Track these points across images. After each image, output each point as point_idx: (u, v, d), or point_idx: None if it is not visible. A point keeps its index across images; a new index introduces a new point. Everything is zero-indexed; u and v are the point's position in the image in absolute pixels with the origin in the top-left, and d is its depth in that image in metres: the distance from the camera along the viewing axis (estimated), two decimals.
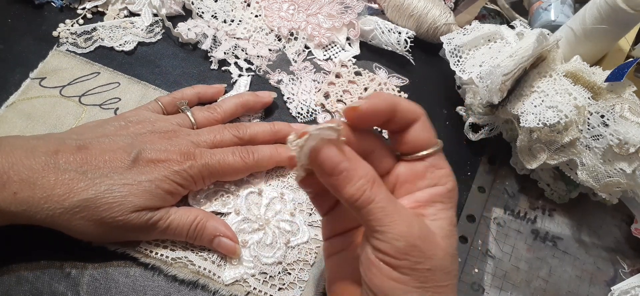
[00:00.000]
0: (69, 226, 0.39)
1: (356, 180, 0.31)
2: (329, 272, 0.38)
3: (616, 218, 0.51)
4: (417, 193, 0.34)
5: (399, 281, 0.31)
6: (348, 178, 0.31)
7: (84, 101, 0.51)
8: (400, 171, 0.36)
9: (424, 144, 0.34)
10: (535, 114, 0.45)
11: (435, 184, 0.34)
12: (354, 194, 0.31)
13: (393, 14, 0.60)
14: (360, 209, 0.31)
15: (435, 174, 0.34)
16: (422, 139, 0.34)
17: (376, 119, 0.34)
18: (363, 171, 0.31)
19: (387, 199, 0.31)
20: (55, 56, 0.54)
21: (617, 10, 0.47)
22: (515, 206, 0.51)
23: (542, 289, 0.47)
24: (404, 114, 0.34)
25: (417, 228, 0.31)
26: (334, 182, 0.31)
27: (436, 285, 0.31)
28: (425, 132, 0.34)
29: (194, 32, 0.57)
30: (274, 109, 0.54)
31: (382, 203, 0.31)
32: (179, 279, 0.43)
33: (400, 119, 0.34)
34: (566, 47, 0.52)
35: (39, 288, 0.42)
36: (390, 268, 0.31)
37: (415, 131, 0.34)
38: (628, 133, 0.42)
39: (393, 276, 0.31)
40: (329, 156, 0.31)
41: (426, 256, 0.31)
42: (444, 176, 0.34)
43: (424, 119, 0.35)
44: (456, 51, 0.51)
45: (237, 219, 0.46)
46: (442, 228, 0.33)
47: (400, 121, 0.34)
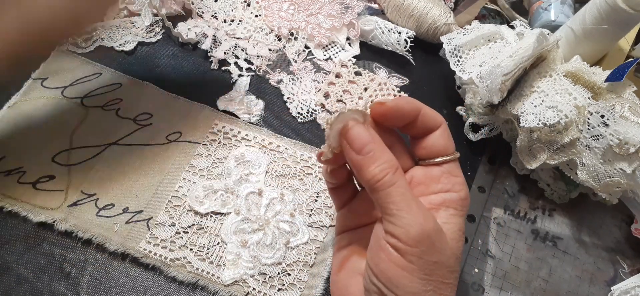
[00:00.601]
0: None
1: (381, 162, 0.32)
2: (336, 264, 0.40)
3: (616, 218, 0.51)
4: (431, 196, 0.35)
5: (405, 269, 0.31)
6: (373, 158, 0.32)
7: (86, 103, 0.51)
8: (416, 173, 0.37)
9: (442, 151, 0.36)
10: (535, 114, 0.45)
11: (449, 191, 0.35)
12: (376, 174, 0.32)
13: (393, 14, 0.60)
14: (380, 190, 0.32)
15: (450, 181, 0.35)
16: (440, 145, 0.36)
17: (400, 119, 0.35)
18: (388, 156, 0.33)
19: (406, 187, 0.32)
20: (57, 56, 0.54)
21: (617, 10, 0.47)
22: (515, 206, 0.51)
23: (542, 289, 0.47)
24: (426, 119, 0.35)
25: (432, 222, 0.32)
26: (360, 161, 0.32)
27: (440, 280, 0.32)
28: (444, 140, 0.36)
29: (194, 32, 0.57)
30: (275, 110, 0.54)
31: (402, 189, 0.32)
32: (178, 279, 0.43)
33: (422, 124, 0.35)
34: (566, 47, 0.52)
35: (39, 288, 0.42)
36: (398, 255, 0.31)
37: (434, 137, 0.36)
38: (628, 133, 0.42)
39: (400, 263, 0.31)
40: (359, 134, 0.33)
41: (436, 250, 0.31)
42: (458, 184, 0.36)
43: (445, 128, 0.36)
44: (456, 51, 0.51)
45: (237, 219, 0.46)
46: (452, 231, 0.34)
47: (422, 125, 0.35)
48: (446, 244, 0.33)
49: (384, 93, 0.56)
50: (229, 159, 0.49)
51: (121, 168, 0.48)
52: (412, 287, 0.31)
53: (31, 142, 0.48)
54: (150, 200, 0.46)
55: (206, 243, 0.45)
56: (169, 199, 0.47)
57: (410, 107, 0.35)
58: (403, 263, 0.31)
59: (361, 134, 0.33)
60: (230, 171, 0.48)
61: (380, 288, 0.32)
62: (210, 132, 0.51)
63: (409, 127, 0.36)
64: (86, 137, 0.49)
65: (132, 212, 0.46)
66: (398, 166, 0.33)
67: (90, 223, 0.45)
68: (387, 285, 0.32)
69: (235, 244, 0.45)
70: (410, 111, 0.35)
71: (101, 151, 0.49)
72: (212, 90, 0.54)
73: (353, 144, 0.33)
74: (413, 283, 0.31)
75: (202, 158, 0.49)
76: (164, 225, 0.45)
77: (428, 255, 0.31)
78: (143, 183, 0.47)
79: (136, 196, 0.47)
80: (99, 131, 0.50)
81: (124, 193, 0.47)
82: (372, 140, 0.33)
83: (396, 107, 0.35)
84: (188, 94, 0.53)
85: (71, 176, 0.47)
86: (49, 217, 0.44)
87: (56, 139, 0.49)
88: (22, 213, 0.45)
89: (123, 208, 0.46)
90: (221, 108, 0.53)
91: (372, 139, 0.33)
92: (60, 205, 0.45)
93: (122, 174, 0.48)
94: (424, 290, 0.31)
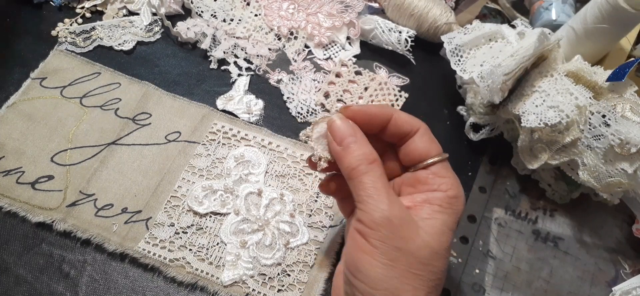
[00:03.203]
0: None
1: (357, 154, 0.34)
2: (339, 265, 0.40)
3: (617, 218, 0.51)
4: (415, 195, 0.36)
5: (367, 253, 0.32)
6: (351, 150, 0.34)
7: (85, 103, 0.51)
8: (405, 177, 0.38)
9: (423, 154, 0.36)
10: (536, 114, 0.44)
11: (435, 190, 0.35)
12: (351, 163, 0.34)
13: (394, 13, 0.60)
14: (354, 179, 0.34)
15: (436, 181, 0.35)
16: (421, 149, 0.36)
17: (368, 123, 0.36)
18: (366, 148, 0.34)
19: (380, 179, 0.33)
20: (56, 56, 0.54)
21: (619, 9, 0.47)
22: (516, 207, 0.51)
23: (543, 290, 0.47)
24: (400, 124, 0.36)
25: (398, 209, 0.33)
26: (340, 152, 0.35)
27: (406, 269, 0.32)
28: (425, 143, 0.36)
29: (193, 31, 0.56)
30: (274, 110, 0.54)
31: (373, 178, 0.33)
32: (177, 280, 0.43)
33: (396, 128, 0.36)
34: (567, 46, 0.52)
35: (38, 289, 0.42)
36: (363, 239, 0.33)
37: (414, 142, 0.36)
38: (629, 133, 0.42)
39: (364, 246, 0.33)
40: (340, 126, 0.35)
41: (399, 236, 0.32)
42: (445, 183, 0.36)
43: (423, 131, 0.36)
44: (457, 51, 0.51)
45: (236, 220, 0.46)
46: (433, 226, 0.34)
47: (397, 131, 0.36)
48: (416, 235, 0.33)
49: (384, 93, 0.56)
50: (228, 159, 0.49)
51: (120, 168, 0.48)
52: (374, 272, 0.32)
53: (30, 142, 0.48)
54: (149, 200, 0.46)
55: (205, 243, 0.45)
56: (168, 199, 0.46)
57: (378, 111, 0.36)
58: (366, 247, 0.32)
59: (342, 127, 0.35)
60: (229, 171, 0.48)
61: (348, 277, 0.34)
62: (210, 132, 0.51)
63: (384, 133, 0.37)
64: (85, 137, 0.49)
65: (131, 212, 0.46)
66: (375, 159, 0.34)
67: (89, 223, 0.45)
68: (353, 272, 0.33)
69: (234, 245, 0.45)
70: (377, 114, 0.36)
71: (100, 151, 0.48)
72: (211, 89, 0.54)
73: (335, 135, 0.35)
74: (375, 267, 0.32)
75: (201, 158, 0.49)
76: (163, 225, 0.45)
77: (391, 240, 0.32)
78: (142, 183, 0.47)
79: (135, 196, 0.46)
80: (97, 130, 0.50)
81: (122, 193, 0.46)
82: (352, 133, 0.35)
83: (362, 110, 0.36)
84: (187, 94, 0.53)
85: (70, 176, 0.47)
86: (47, 217, 0.44)
87: (55, 139, 0.49)
88: (20, 213, 0.44)
89: (122, 208, 0.46)
90: (220, 108, 0.52)
91: (353, 132, 0.35)
92: (59, 205, 0.45)
93: (120, 174, 0.47)
94: (388, 275, 0.32)
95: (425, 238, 0.33)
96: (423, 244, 0.33)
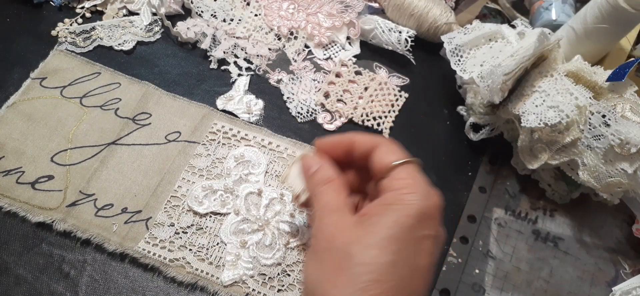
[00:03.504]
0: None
1: (317, 177, 0.38)
2: None
3: (617, 218, 0.51)
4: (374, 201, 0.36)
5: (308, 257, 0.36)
6: (312, 176, 0.39)
7: (85, 103, 0.51)
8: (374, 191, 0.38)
9: (383, 165, 0.37)
10: (536, 114, 0.44)
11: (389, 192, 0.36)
12: (310, 185, 0.39)
13: (394, 13, 0.60)
14: (313, 197, 0.38)
15: (393, 184, 0.36)
16: (379, 161, 0.37)
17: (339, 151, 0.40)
18: (325, 173, 0.38)
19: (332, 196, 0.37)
20: (56, 56, 0.54)
21: (619, 9, 0.47)
22: (516, 207, 0.51)
23: (543, 290, 0.47)
24: (361, 144, 0.39)
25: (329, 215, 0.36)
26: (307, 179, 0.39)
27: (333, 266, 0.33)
28: (384, 155, 0.37)
29: (193, 31, 0.56)
30: (274, 110, 0.54)
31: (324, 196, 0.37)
32: (177, 280, 0.43)
33: (359, 150, 0.39)
34: (567, 46, 0.52)
35: (38, 289, 0.42)
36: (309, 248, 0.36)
37: (375, 157, 0.37)
38: (629, 133, 0.42)
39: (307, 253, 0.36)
40: (308, 159, 0.40)
41: (324, 237, 0.35)
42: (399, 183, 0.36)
43: (383, 145, 0.38)
44: (457, 51, 0.51)
45: (236, 220, 0.46)
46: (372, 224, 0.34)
47: (360, 151, 0.39)
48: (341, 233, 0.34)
49: (384, 93, 0.56)
50: (228, 159, 0.49)
51: (120, 168, 0.48)
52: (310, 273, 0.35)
53: (30, 142, 0.48)
54: (149, 200, 0.46)
55: (205, 243, 0.45)
56: (168, 199, 0.46)
57: (339, 138, 0.40)
58: (308, 252, 0.36)
59: (309, 158, 0.40)
60: (229, 171, 0.48)
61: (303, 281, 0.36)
62: (210, 132, 0.51)
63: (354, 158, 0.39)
64: (85, 137, 0.49)
65: (131, 212, 0.46)
66: (332, 180, 0.37)
67: (89, 223, 0.44)
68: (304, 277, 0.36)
69: (234, 245, 0.45)
70: (340, 140, 0.40)
71: (100, 151, 0.48)
72: (211, 89, 0.54)
73: (304, 167, 0.40)
74: (310, 269, 0.35)
75: (201, 158, 0.49)
76: (163, 225, 0.45)
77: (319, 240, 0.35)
78: (142, 183, 0.47)
79: (135, 196, 0.46)
80: (97, 130, 0.50)
81: (122, 193, 0.46)
82: (317, 162, 0.39)
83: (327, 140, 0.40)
84: (187, 94, 0.53)
85: (70, 176, 0.47)
86: (47, 217, 0.44)
87: (55, 139, 0.49)
88: (20, 213, 0.44)
89: (122, 208, 0.46)
90: (220, 108, 0.52)
91: (317, 161, 0.39)
92: (59, 205, 0.45)
93: (120, 174, 0.47)
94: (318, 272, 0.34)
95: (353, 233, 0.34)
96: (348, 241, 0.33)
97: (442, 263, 0.47)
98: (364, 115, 0.54)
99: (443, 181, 0.51)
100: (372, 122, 0.54)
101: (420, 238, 0.34)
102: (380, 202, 0.35)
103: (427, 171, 0.51)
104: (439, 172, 0.52)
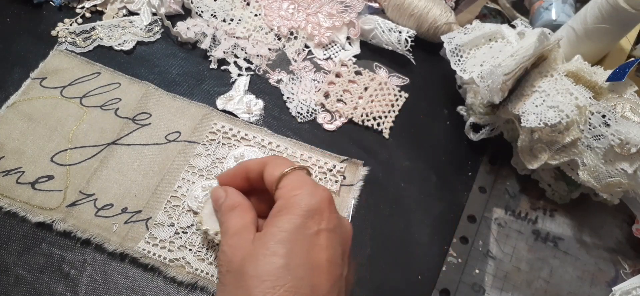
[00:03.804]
0: None
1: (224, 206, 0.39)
2: None
3: (617, 218, 0.51)
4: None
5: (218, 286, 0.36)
6: (220, 206, 0.40)
7: (85, 103, 0.51)
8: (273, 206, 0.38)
9: (274, 179, 0.37)
10: (536, 114, 0.44)
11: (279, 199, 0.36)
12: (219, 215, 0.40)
13: (393, 13, 0.60)
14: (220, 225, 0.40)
15: (281, 193, 0.36)
16: (272, 176, 0.37)
17: (238, 181, 0.41)
18: (230, 200, 0.39)
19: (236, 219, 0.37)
20: (56, 56, 0.54)
21: (619, 9, 0.47)
22: (516, 207, 0.51)
23: (543, 290, 0.47)
24: (253, 168, 0.40)
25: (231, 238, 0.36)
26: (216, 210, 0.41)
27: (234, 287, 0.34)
28: (275, 169, 0.38)
29: (193, 31, 0.56)
30: (274, 110, 0.54)
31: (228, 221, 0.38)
32: (177, 280, 0.43)
33: (253, 172, 0.40)
34: (567, 46, 0.52)
35: (38, 289, 0.42)
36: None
37: (265, 174, 0.38)
38: (629, 133, 0.42)
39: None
40: (215, 192, 0.41)
41: (223, 261, 0.35)
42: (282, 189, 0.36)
43: (271, 162, 0.38)
44: (457, 51, 0.51)
45: None
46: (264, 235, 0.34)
47: (254, 173, 0.40)
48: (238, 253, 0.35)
49: (384, 93, 0.56)
50: (228, 159, 0.49)
51: (120, 168, 0.48)
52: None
53: (30, 142, 0.48)
54: (149, 200, 0.46)
55: (205, 243, 0.44)
56: (168, 199, 0.46)
57: (236, 168, 0.42)
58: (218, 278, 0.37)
59: (218, 191, 0.41)
60: None
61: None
62: (210, 132, 0.51)
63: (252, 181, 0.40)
64: (85, 137, 0.49)
65: (131, 212, 0.46)
66: (237, 206, 0.39)
67: (89, 223, 0.44)
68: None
69: None
70: (237, 170, 0.41)
71: (100, 151, 0.48)
72: (211, 89, 0.54)
73: (213, 200, 0.41)
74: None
75: (201, 158, 0.49)
76: (163, 225, 0.45)
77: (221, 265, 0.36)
78: (142, 183, 0.47)
79: (135, 196, 0.46)
80: (97, 130, 0.50)
81: (122, 193, 0.46)
82: (223, 193, 0.40)
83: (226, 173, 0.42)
84: (187, 94, 0.53)
85: (70, 176, 0.47)
86: (47, 217, 0.44)
87: (55, 139, 0.49)
88: (20, 213, 0.44)
89: (122, 208, 0.46)
90: (220, 108, 0.52)
91: (223, 192, 0.40)
92: (59, 205, 0.45)
93: (120, 174, 0.47)
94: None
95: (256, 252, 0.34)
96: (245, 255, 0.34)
97: (442, 263, 0.47)
98: (364, 115, 0.54)
99: (443, 181, 0.51)
100: (372, 122, 0.54)
101: (312, 234, 0.34)
102: (271, 213, 0.36)
103: (427, 171, 0.52)
104: (439, 172, 0.52)
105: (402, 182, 0.51)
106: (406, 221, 0.48)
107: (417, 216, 0.49)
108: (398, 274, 0.46)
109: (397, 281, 0.45)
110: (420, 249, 0.47)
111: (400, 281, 0.45)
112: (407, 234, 0.48)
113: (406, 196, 0.50)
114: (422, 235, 0.48)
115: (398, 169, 0.52)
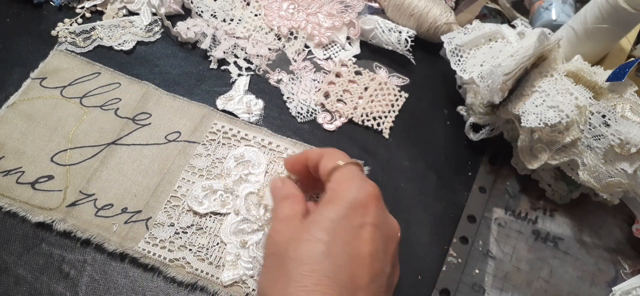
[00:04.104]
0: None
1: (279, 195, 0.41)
2: None
3: (617, 218, 0.51)
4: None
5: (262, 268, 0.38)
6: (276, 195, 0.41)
7: (85, 103, 0.51)
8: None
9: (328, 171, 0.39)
10: (536, 114, 0.44)
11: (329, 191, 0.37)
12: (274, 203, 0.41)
13: (393, 13, 0.60)
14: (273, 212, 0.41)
15: (332, 185, 0.38)
16: (326, 168, 0.39)
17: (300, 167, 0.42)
18: (285, 190, 0.41)
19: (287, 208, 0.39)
20: (56, 56, 0.54)
21: (619, 9, 0.47)
22: (516, 207, 0.51)
23: (543, 290, 0.47)
24: (311, 157, 0.41)
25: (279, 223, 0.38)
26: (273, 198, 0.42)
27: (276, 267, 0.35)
28: (329, 161, 0.39)
29: (193, 31, 0.56)
30: (274, 110, 0.54)
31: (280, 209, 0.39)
32: (177, 280, 0.43)
33: (312, 162, 0.41)
34: (567, 46, 0.52)
35: (38, 289, 0.42)
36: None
37: (320, 165, 0.40)
38: (629, 133, 0.42)
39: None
40: (273, 185, 0.42)
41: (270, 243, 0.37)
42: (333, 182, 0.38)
43: (327, 154, 0.40)
44: (457, 51, 0.51)
45: (236, 220, 0.46)
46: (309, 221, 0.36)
47: (312, 163, 0.41)
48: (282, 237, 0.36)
49: (384, 93, 0.56)
50: (228, 159, 0.49)
51: (120, 168, 0.48)
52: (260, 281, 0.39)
53: (30, 142, 0.48)
54: (149, 200, 0.46)
55: (205, 243, 0.45)
56: (168, 199, 0.46)
57: (298, 155, 0.43)
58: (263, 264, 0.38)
59: (276, 181, 0.42)
60: (229, 171, 0.48)
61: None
62: (210, 132, 0.51)
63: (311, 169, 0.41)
64: (85, 137, 0.49)
65: (131, 212, 0.46)
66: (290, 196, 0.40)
67: (89, 223, 0.44)
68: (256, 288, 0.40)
69: (234, 245, 0.45)
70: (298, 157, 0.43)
71: (100, 151, 0.48)
72: (211, 89, 0.54)
73: (272, 189, 0.42)
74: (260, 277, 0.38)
75: (201, 158, 0.49)
76: (163, 225, 0.45)
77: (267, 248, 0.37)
78: (142, 183, 0.47)
79: (135, 196, 0.46)
80: (97, 130, 0.50)
81: (122, 193, 0.46)
82: (281, 186, 0.41)
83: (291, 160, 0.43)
84: (187, 94, 0.53)
85: (70, 176, 0.47)
86: (47, 217, 0.44)
87: (55, 139, 0.49)
88: (20, 213, 0.44)
89: (122, 208, 0.46)
90: (220, 108, 0.52)
91: (281, 185, 0.41)
92: (59, 205, 0.45)
93: (120, 174, 0.47)
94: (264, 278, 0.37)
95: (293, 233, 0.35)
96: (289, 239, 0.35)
97: (442, 263, 0.47)
98: (364, 115, 0.54)
99: (443, 181, 0.51)
100: (372, 122, 0.54)
101: (355, 226, 0.35)
102: (320, 202, 0.37)
103: (427, 171, 0.52)
104: (439, 172, 0.52)
105: (402, 182, 0.51)
106: (406, 221, 0.48)
107: (417, 216, 0.49)
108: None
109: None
110: (420, 249, 0.47)
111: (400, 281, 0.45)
112: (407, 234, 0.48)
113: (406, 196, 0.50)
114: (422, 235, 0.48)
115: (398, 169, 0.52)
